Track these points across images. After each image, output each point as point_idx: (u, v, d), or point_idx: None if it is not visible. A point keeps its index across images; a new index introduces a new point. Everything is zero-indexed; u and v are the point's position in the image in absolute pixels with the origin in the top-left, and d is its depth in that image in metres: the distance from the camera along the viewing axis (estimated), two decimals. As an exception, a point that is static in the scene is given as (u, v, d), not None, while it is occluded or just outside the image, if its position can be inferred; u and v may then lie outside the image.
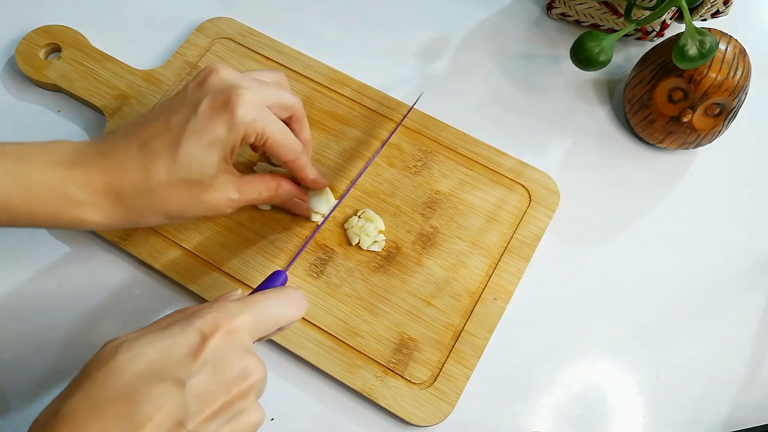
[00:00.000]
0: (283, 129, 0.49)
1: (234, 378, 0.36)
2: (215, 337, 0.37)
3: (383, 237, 0.57)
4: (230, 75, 0.48)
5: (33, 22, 0.65)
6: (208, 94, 0.46)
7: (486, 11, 0.70)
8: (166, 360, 0.36)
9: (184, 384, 0.35)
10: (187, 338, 0.36)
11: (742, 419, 0.54)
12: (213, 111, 0.46)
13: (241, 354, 0.37)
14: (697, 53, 0.53)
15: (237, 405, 0.37)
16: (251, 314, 0.39)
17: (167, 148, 0.46)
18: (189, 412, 0.34)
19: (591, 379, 0.55)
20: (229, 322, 0.38)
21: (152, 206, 0.47)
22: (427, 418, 0.51)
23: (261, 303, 0.41)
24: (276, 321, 0.41)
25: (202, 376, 0.35)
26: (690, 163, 0.64)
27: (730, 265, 0.60)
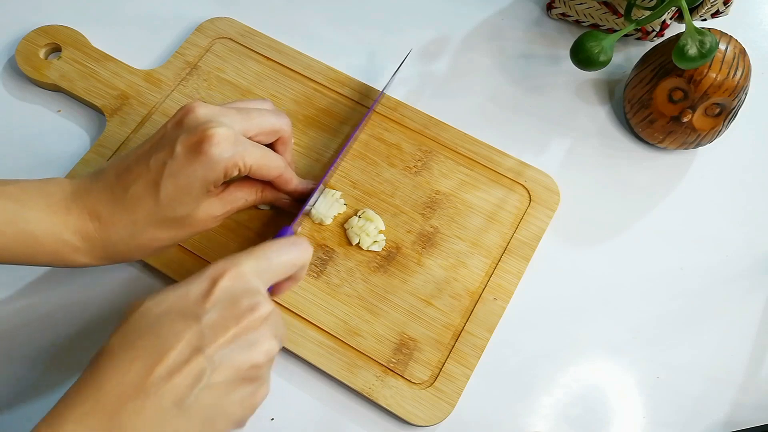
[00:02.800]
0: (263, 153, 0.50)
1: (243, 311, 0.41)
2: (223, 280, 0.41)
3: (383, 237, 0.57)
4: (207, 111, 0.48)
5: (33, 22, 0.65)
6: (183, 133, 0.47)
7: (486, 11, 0.70)
8: (184, 302, 0.41)
9: (199, 319, 0.40)
10: (200, 284, 0.41)
11: (742, 419, 0.54)
12: (188, 153, 0.46)
13: (248, 292, 0.42)
14: (697, 53, 0.53)
15: (250, 334, 0.41)
16: (254, 259, 0.44)
17: (149, 192, 0.47)
18: (205, 340, 0.39)
19: (591, 379, 0.55)
20: (234, 267, 0.42)
21: (142, 246, 0.49)
22: (427, 417, 0.51)
23: (263, 249, 0.44)
24: (279, 264, 0.45)
25: (214, 311, 0.40)
26: (690, 163, 0.64)
27: (730, 265, 0.60)
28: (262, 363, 0.41)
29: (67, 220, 0.47)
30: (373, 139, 0.61)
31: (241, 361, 0.40)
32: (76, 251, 0.48)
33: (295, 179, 0.54)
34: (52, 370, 0.53)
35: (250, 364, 0.41)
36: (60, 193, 0.48)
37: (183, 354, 0.39)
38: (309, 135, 0.61)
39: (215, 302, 0.41)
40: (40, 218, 0.47)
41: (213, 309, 0.40)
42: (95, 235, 0.48)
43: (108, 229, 0.48)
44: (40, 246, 0.47)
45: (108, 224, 0.48)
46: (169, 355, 0.38)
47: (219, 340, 0.40)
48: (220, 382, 0.40)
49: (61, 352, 0.54)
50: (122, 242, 0.48)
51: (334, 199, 0.58)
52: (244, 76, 0.64)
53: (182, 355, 0.39)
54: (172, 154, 0.47)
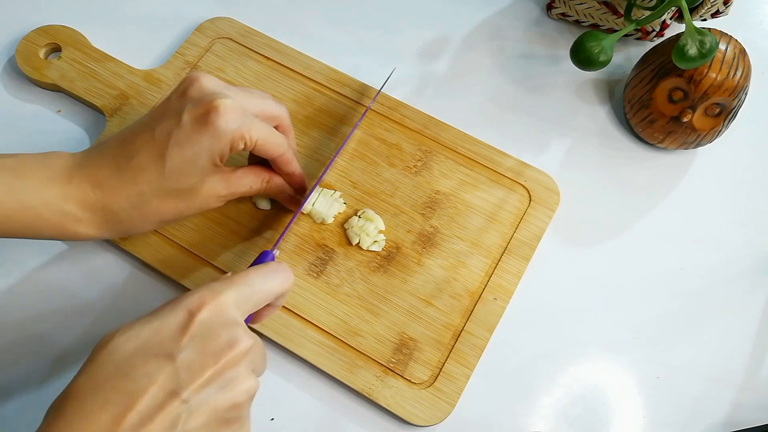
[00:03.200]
0: (269, 129, 0.49)
1: (221, 348, 0.38)
2: (201, 313, 0.39)
3: (383, 237, 0.57)
4: (212, 83, 0.48)
5: (33, 22, 0.65)
6: (188, 104, 0.46)
7: (486, 11, 0.70)
8: (157, 338, 0.38)
9: (174, 357, 0.37)
10: (175, 317, 0.39)
11: (742, 419, 0.54)
12: (195, 123, 0.46)
13: (227, 326, 0.39)
14: (697, 53, 0.53)
15: (228, 373, 0.38)
16: (235, 289, 0.41)
17: (154, 162, 0.46)
18: (181, 382, 0.36)
19: (591, 379, 0.55)
20: (214, 298, 0.39)
21: (146, 218, 0.48)
22: (427, 417, 0.51)
23: (244, 278, 0.42)
24: (261, 293, 0.43)
25: (190, 349, 0.38)
26: (690, 163, 0.64)
27: (730, 265, 0.60)
28: (241, 402, 0.39)
29: (67, 190, 0.46)
30: (373, 139, 0.61)
31: (220, 402, 0.38)
32: (77, 222, 0.47)
33: (296, 163, 0.53)
34: (50, 371, 0.53)
35: (229, 404, 0.38)
36: (60, 164, 0.47)
37: (156, 399, 0.36)
38: (309, 135, 0.61)
39: (192, 338, 0.38)
40: (39, 189, 0.46)
41: (189, 346, 0.38)
42: (97, 205, 0.47)
43: (110, 198, 0.47)
44: (40, 217, 0.46)
45: (110, 194, 0.47)
46: (141, 400, 0.35)
47: (196, 382, 0.37)
48: (198, 428, 0.37)
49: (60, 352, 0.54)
50: (124, 212, 0.47)
51: (333, 199, 0.58)
52: (244, 76, 0.64)
53: (155, 400, 0.36)
54: (179, 124, 0.46)
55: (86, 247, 0.57)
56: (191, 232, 0.57)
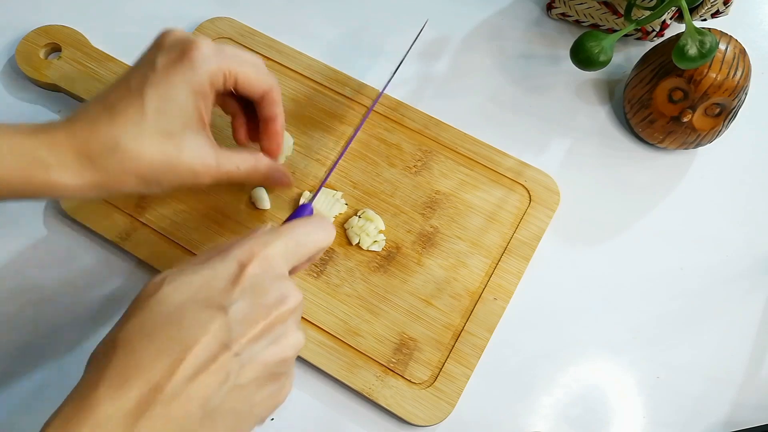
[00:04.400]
0: (254, 65, 0.48)
1: (273, 303, 0.38)
2: (252, 265, 0.38)
3: (383, 237, 0.57)
4: (186, 34, 0.48)
5: (33, 22, 0.65)
6: (164, 50, 0.46)
7: (486, 11, 0.70)
8: (209, 289, 0.37)
9: (226, 310, 0.36)
10: (226, 268, 0.38)
11: (742, 419, 0.54)
12: (170, 62, 0.45)
13: (277, 280, 0.39)
14: (697, 53, 0.53)
15: (278, 328, 0.38)
16: (283, 242, 0.41)
17: (132, 104, 0.45)
18: (233, 335, 0.36)
19: (591, 379, 0.55)
20: (263, 250, 0.39)
21: (124, 166, 0.45)
22: (428, 417, 0.51)
23: (291, 231, 0.42)
24: (306, 247, 0.42)
25: (242, 302, 0.37)
26: (690, 163, 0.64)
27: (730, 265, 0.60)
28: (289, 357, 0.39)
29: (37, 137, 0.44)
30: (374, 139, 0.61)
31: (270, 357, 0.37)
32: (49, 168, 0.44)
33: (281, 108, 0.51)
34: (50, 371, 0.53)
35: (278, 359, 0.38)
36: (33, 123, 0.45)
37: (209, 350, 0.35)
38: (309, 135, 0.61)
39: (243, 291, 0.38)
40: (7, 140, 0.43)
41: (241, 298, 0.37)
42: (71, 149, 0.44)
43: (86, 141, 0.44)
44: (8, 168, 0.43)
45: (86, 137, 0.44)
46: (195, 350, 0.35)
47: (248, 335, 0.37)
48: (248, 382, 0.37)
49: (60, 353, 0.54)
50: (103, 156, 0.44)
51: (335, 200, 0.58)
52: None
53: (209, 352, 0.35)
54: (154, 68, 0.45)
55: (87, 247, 0.57)
56: (192, 232, 0.57)
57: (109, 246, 0.57)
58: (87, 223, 0.57)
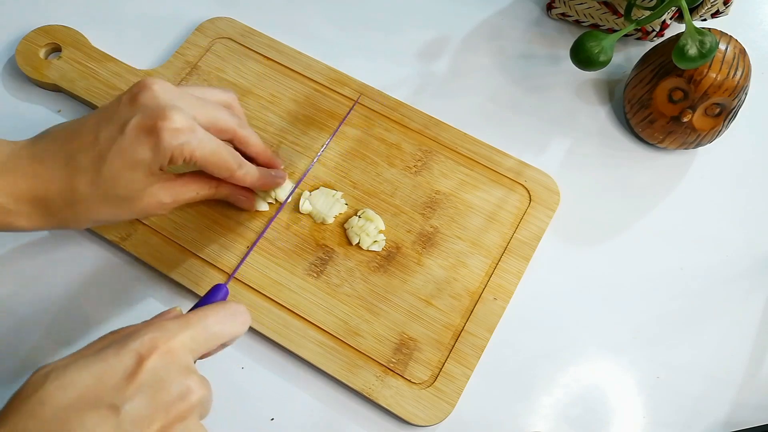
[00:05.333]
0: (215, 150, 0.47)
1: (173, 399, 0.35)
2: (152, 359, 0.35)
3: (383, 237, 0.57)
4: (164, 93, 0.46)
5: (33, 22, 0.65)
6: (138, 113, 0.45)
7: (486, 11, 0.70)
8: (100, 386, 0.34)
9: (119, 410, 0.33)
10: (121, 361, 0.35)
11: (742, 419, 0.54)
12: (140, 133, 0.44)
13: (180, 374, 0.36)
14: (697, 53, 0.53)
15: (177, 427, 0.35)
16: (190, 332, 0.38)
17: (92, 164, 0.45)
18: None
19: (591, 379, 0.55)
20: (166, 342, 0.36)
21: (79, 216, 0.46)
22: (428, 417, 0.51)
23: (201, 320, 0.39)
24: (217, 338, 0.40)
25: (138, 400, 0.34)
26: (690, 163, 0.64)
27: (730, 265, 0.60)
28: None
29: (2, 183, 0.44)
30: (373, 139, 0.61)
31: None
32: (10, 214, 0.45)
33: (252, 176, 0.51)
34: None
35: None
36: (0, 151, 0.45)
37: None
38: (309, 135, 0.61)
39: (140, 387, 0.34)
40: None
41: (137, 396, 0.34)
42: (30, 197, 0.45)
43: (44, 190, 0.45)
44: None
45: (45, 186, 0.45)
46: None
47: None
48: None
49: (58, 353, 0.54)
50: (56, 206, 0.46)
51: (335, 199, 0.58)
52: (245, 76, 0.64)
53: None
54: (123, 132, 0.44)
55: (86, 246, 0.57)
56: (192, 232, 0.57)
57: (110, 246, 0.57)
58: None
